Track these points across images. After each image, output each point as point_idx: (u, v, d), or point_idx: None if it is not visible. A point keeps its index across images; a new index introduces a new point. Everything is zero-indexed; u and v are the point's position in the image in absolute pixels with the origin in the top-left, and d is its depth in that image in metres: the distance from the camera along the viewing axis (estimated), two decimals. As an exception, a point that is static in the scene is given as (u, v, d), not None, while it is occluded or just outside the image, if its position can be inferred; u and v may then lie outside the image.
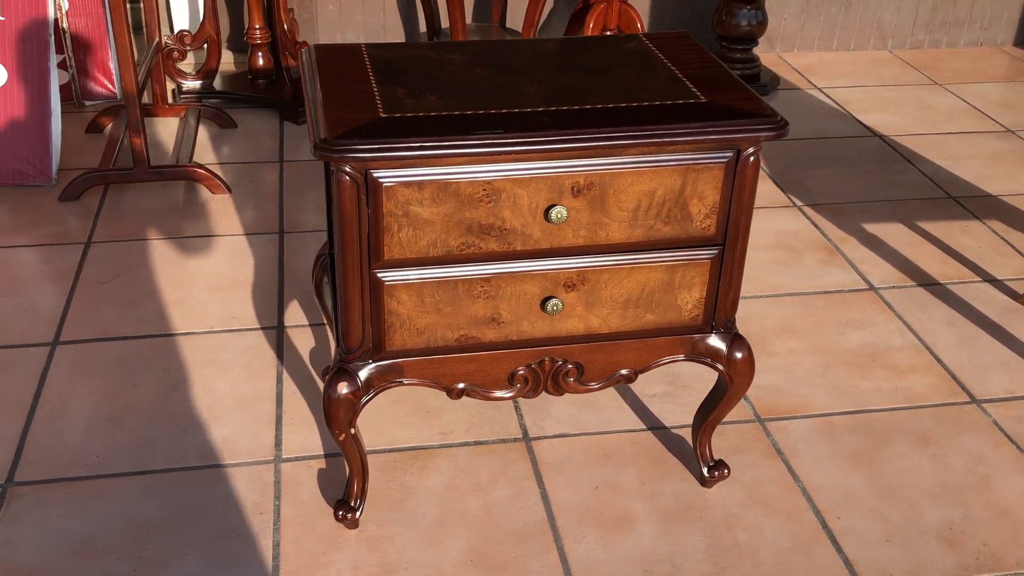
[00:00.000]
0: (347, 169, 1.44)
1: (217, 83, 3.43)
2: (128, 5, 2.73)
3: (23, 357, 2.14)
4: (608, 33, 3.48)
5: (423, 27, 3.70)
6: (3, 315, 2.27)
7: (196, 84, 3.36)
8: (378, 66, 1.66)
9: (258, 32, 3.32)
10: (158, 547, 1.70)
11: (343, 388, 1.59)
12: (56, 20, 3.09)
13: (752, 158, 1.54)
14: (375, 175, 1.44)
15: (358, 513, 1.73)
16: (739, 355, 1.71)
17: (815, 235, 2.69)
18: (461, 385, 1.64)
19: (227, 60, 3.69)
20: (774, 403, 2.07)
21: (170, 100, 3.36)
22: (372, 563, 1.68)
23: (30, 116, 2.79)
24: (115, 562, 1.67)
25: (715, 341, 1.70)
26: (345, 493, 1.75)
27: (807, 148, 3.20)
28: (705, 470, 1.85)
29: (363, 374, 1.60)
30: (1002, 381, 2.15)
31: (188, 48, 3.29)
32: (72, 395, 2.03)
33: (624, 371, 1.69)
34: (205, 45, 3.33)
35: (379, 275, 1.52)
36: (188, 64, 3.64)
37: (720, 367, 1.71)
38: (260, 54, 3.37)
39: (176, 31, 3.39)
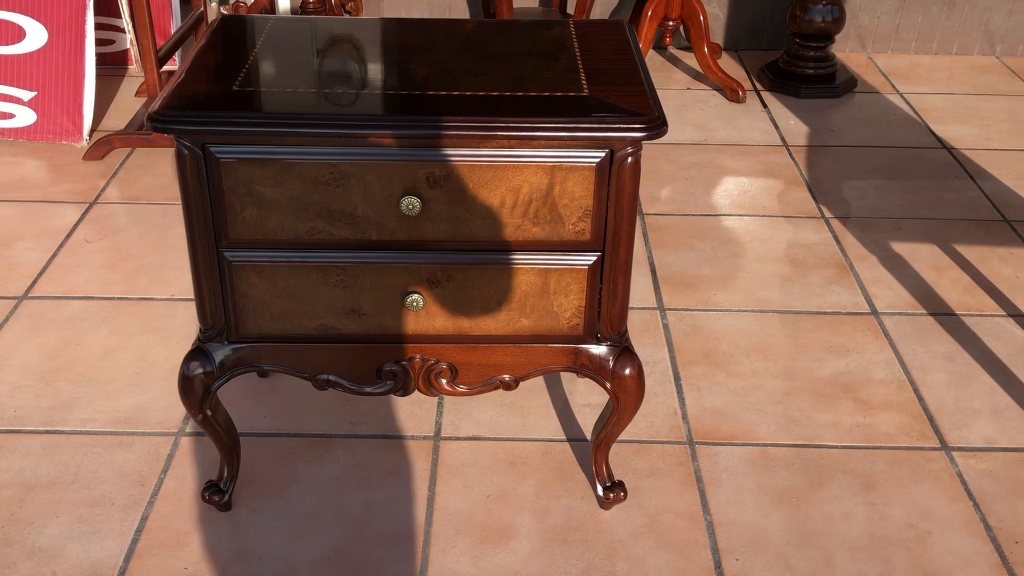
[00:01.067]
0: (185, 143, 1.39)
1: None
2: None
3: (-12, 308, 2.21)
4: (670, 24, 3.32)
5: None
6: (-11, 266, 2.36)
7: (248, 55, 3.40)
8: (272, 39, 1.60)
9: (311, 4, 3.33)
10: (33, 506, 1.71)
11: (195, 368, 1.55)
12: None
13: (629, 160, 1.41)
14: (212, 150, 1.39)
15: (226, 496, 1.70)
16: (626, 371, 1.58)
17: (832, 250, 2.48)
18: (326, 376, 1.58)
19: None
20: (714, 427, 1.91)
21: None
22: (228, 549, 1.64)
23: (66, 76, 2.88)
24: (-11, 517, 1.70)
25: (599, 353, 1.57)
26: (217, 475, 1.72)
27: (859, 157, 2.96)
28: (600, 490, 1.72)
29: (218, 355, 1.56)
30: (984, 429, 1.92)
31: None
32: (18, 349, 2.08)
33: (504, 377, 1.59)
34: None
35: (227, 255, 1.47)
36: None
37: (605, 383, 1.58)
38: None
39: (232, 0, 3.44)
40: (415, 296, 1.49)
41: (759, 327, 2.20)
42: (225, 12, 3.33)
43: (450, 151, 1.40)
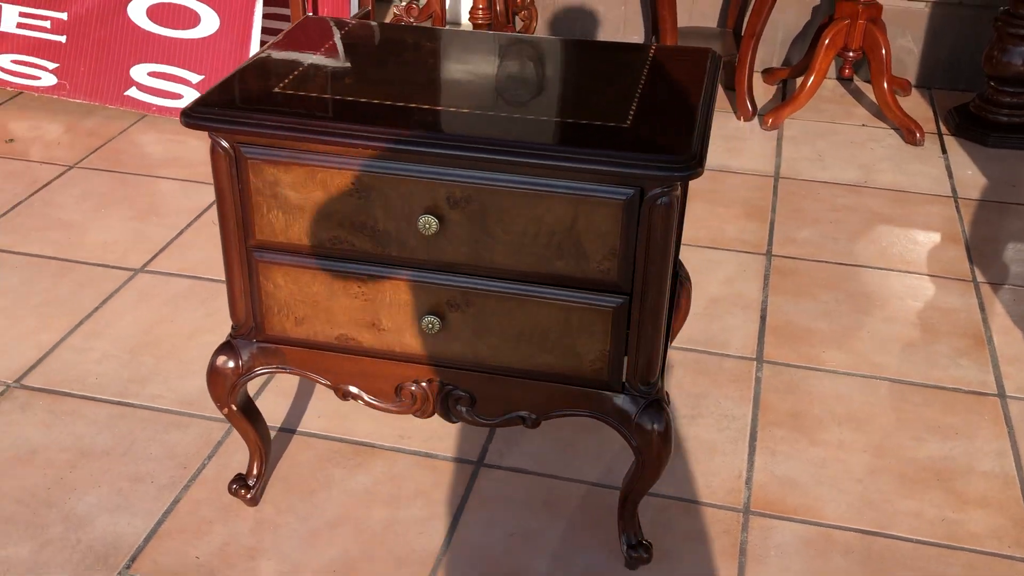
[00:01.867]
0: (221, 140, 1.40)
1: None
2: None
3: (106, 277, 2.33)
4: (850, 55, 3.10)
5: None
6: (113, 237, 2.48)
7: (417, 55, 3.44)
8: (341, 44, 1.59)
9: (480, 12, 3.33)
10: (82, 473, 1.78)
11: (221, 361, 1.56)
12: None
13: (661, 200, 1.30)
14: (243, 149, 1.39)
15: (252, 491, 1.70)
16: (651, 427, 1.46)
17: (972, 319, 2.23)
18: (349, 387, 1.56)
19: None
20: (777, 498, 1.75)
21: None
22: (243, 544, 1.65)
23: (232, 63, 3.00)
24: (40, 476, 1.77)
25: (623, 404, 1.46)
26: (247, 469, 1.73)
27: (1042, 218, 2.66)
28: (624, 547, 1.61)
29: (245, 352, 1.56)
30: (1096, 547, 1.67)
31: (412, 21, 3.38)
32: (119, 320, 2.18)
33: (523, 413, 1.51)
34: (429, 20, 3.40)
35: (255, 254, 1.47)
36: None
37: (628, 436, 1.48)
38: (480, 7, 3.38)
39: (405, 1, 3.49)
40: (431, 319, 1.44)
41: (862, 394, 2.00)
42: (396, 12, 3.39)
43: (469, 173, 1.34)
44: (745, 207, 2.67)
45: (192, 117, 1.37)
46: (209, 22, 3.02)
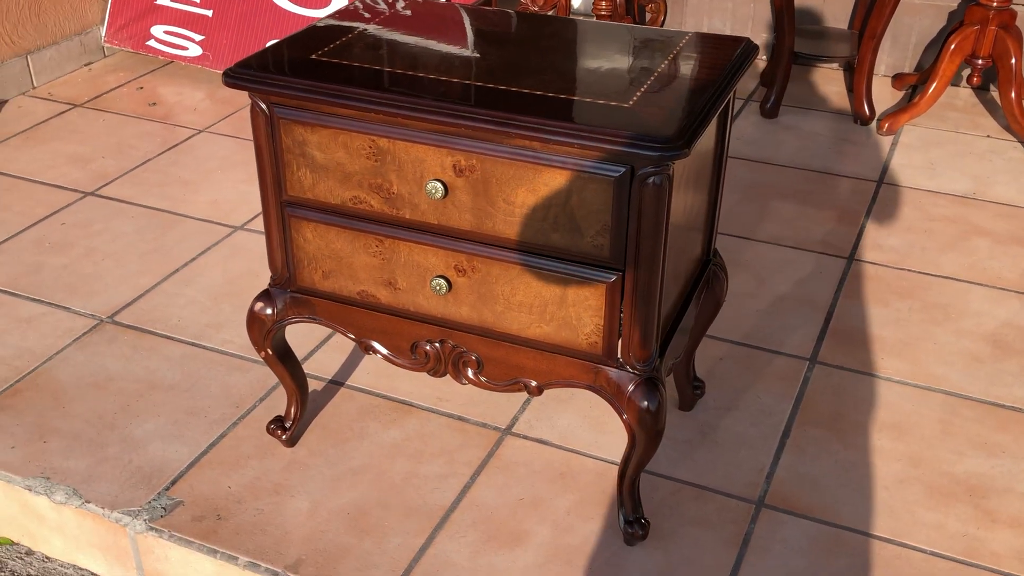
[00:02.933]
0: (258, 101, 1.51)
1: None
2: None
3: (209, 232, 2.51)
4: (978, 63, 2.98)
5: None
6: (224, 197, 2.66)
7: (541, 43, 3.51)
8: (389, 19, 1.68)
9: (603, 4, 3.36)
10: (147, 402, 1.95)
11: (258, 306, 1.68)
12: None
13: (652, 180, 1.33)
14: (276, 110, 1.50)
15: (288, 432, 1.82)
16: (642, 404, 1.49)
17: (1054, 340, 2.13)
18: (371, 342, 1.65)
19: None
20: (794, 495, 1.74)
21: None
22: (271, 480, 1.77)
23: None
24: (111, 401, 1.95)
25: (618, 378, 1.49)
26: (285, 412, 1.85)
27: None
28: (621, 523, 1.64)
29: (280, 301, 1.67)
30: None
31: (537, 9, 3.45)
32: (210, 270, 2.35)
33: (528, 380, 1.56)
34: (553, 10, 3.46)
35: (287, 209, 1.58)
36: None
37: (620, 411, 1.51)
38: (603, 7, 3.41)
39: (532, -8, 3.56)
40: (439, 280, 1.52)
41: (912, 404, 1.95)
42: (523, 0, 3.46)
43: (472, 142, 1.40)
44: (839, 210, 2.61)
45: (231, 76, 1.49)
46: (340, 3, 3.18)
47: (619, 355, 1.49)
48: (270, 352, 1.73)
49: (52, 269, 2.36)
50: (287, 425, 1.83)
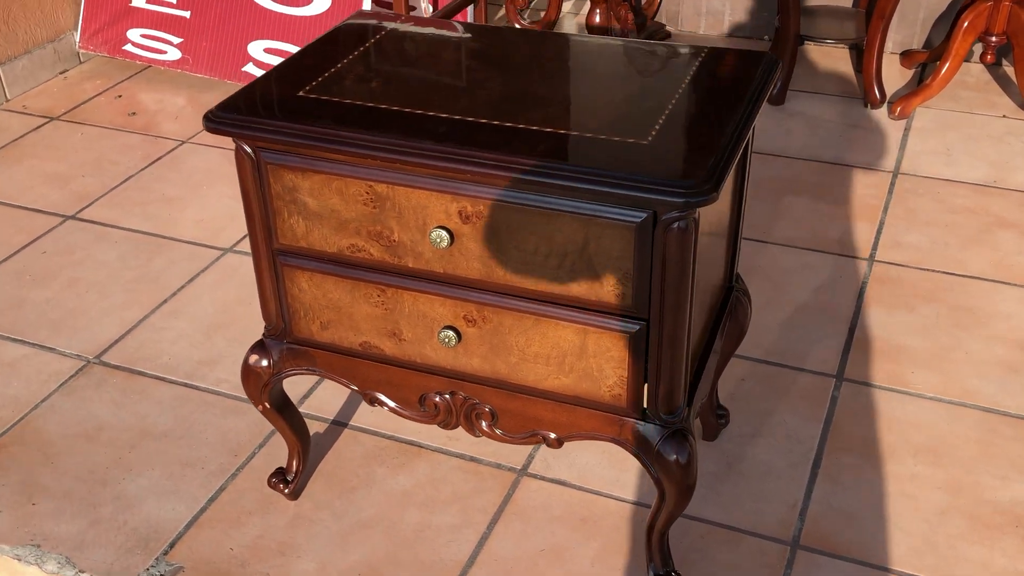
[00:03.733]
0: (243, 144, 1.39)
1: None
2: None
3: (196, 256, 2.39)
4: (992, 40, 2.85)
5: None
6: (210, 215, 2.53)
7: (534, 32, 3.38)
8: (379, 44, 1.56)
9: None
10: (140, 454, 1.84)
11: (253, 359, 1.57)
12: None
13: (676, 225, 1.22)
14: (263, 154, 1.38)
15: (291, 486, 1.72)
16: (672, 457, 1.38)
17: (1090, 343, 2.03)
18: (375, 394, 1.54)
19: (584, 12, 3.63)
20: (831, 533, 1.64)
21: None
22: (276, 539, 1.67)
23: (346, 41, 3.02)
24: (102, 454, 1.84)
25: (644, 431, 1.39)
26: (287, 464, 1.74)
27: None
28: (651, 575, 1.54)
29: (276, 352, 1.56)
30: None
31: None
32: (200, 299, 2.24)
33: (546, 433, 1.46)
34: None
35: (280, 257, 1.47)
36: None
37: (649, 466, 1.40)
38: (598, 11, 3.28)
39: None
40: (448, 332, 1.40)
41: (947, 423, 1.85)
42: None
43: (479, 188, 1.28)
44: (854, 205, 2.50)
45: (213, 121, 1.37)
46: (321, 0, 3.04)
47: (645, 407, 1.38)
48: (268, 406, 1.62)
49: (34, 305, 2.24)
50: (289, 478, 1.72)
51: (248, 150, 1.39)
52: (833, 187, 2.58)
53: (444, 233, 1.32)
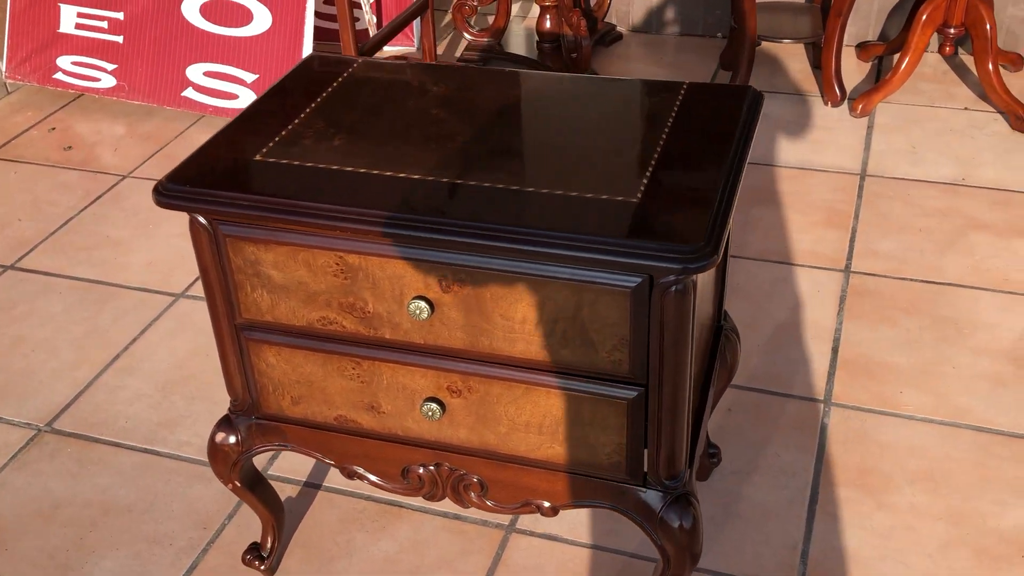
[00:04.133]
0: (198, 216, 1.29)
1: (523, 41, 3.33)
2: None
3: (147, 304, 2.27)
4: (951, 32, 2.81)
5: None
6: (159, 256, 2.41)
7: (483, 41, 3.28)
8: (336, 94, 1.45)
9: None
10: (103, 533, 1.73)
11: (219, 437, 1.47)
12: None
13: (674, 288, 1.14)
14: (221, 227, 1.28)
15: (266, 562, 1.62)
16: (676, 524, 1.31)
17: (1076, 350, 1.99)
18: (354, 467, 1.45)
19: (534, 16, 3.55)
20: (834, 574, 1.58)
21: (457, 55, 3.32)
22: (254, 620, 1.57)
23: (286, 60, 2.90)
24: (61, 535, 1.72)
25: (646, 498, 1.31)
26: (261, 539, 1.64)
27: None
28: (655, 641, 1.47)
29: (244, 429, 1.46)
30: None
31: (477, 3, 3.21)
32: (155, 352, 2.12)
33: (541, 502, 1.38)
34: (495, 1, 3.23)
35: (244, 333, 1.37)
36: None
37: (651, 532, 1.33)
38: (548, 16, 3.19)
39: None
40: (431, 406, 1.31)
41: (941, 446, 1.80)
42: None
43: (460, 256, 1.19)
44: (825, 213, 2.45)
45: (163, 195, 1.26)
46: (262, 19, 2.91)
47: (645, 473, 1.30)
48: (238, 484, 1.52)
49: (-24, 368, 2.11)
50: (264, 554, 1.62)
51: (204, 222, 1.28)
52: (801, 194, 2.53)
53: (423, 304, 1.23)
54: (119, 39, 3.07)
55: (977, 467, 1.76)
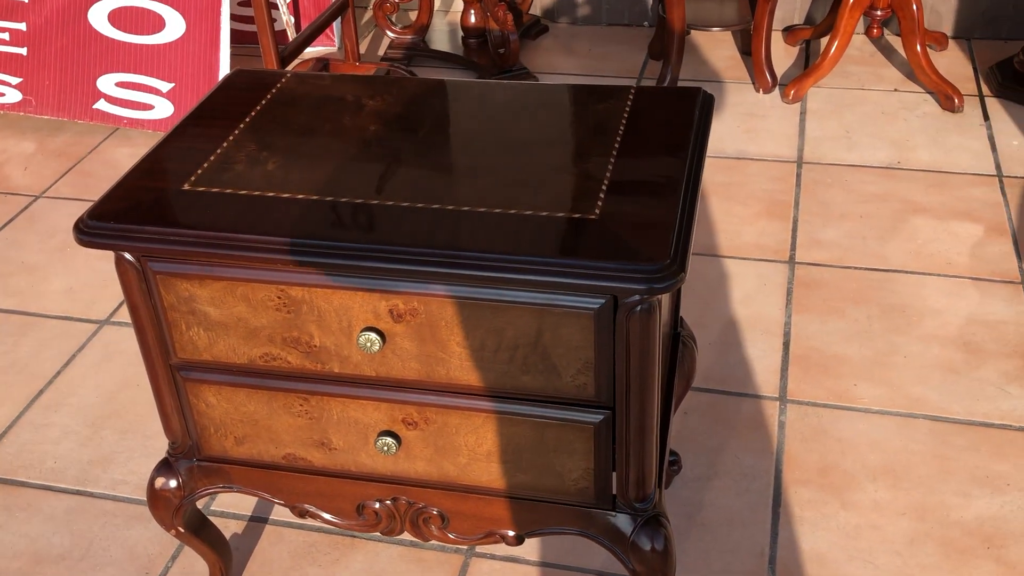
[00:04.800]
0: (124, 253, 1.20)
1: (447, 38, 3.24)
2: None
3: (69, 333, 2.15)
4: (877, 14, 2.81)
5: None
6: (80, 282, 2.29)
7: (406, 39, 3.19)
8: (265, 112, 1.37)
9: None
10: (35, 586, 1.63)
11: (159, 482, 1.38)
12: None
13: (640, 309, 1.08)
14: (150, 264, 1.19)
15: (215, 607, 1.54)
16: (648, 547, 1.26)
17: (1022, 333, 1.99)
18: (305, 506, 1.37)
19: (457, 10, 3.47)
20: (805, 580, 1.56)
21: (379, 54, 3.23)
22: (206, 671, 1.49)
23: (203, 67, 2.78)
24: (-10, 592, 1.62)
25: (616, 522, 1.26)
26: (209, 581, 1.56)
27: (1098, 195, 2.39)
28: (629, 664, 1.43)
29: (186, 472, 1.37)
30: None
31: (398, 0, 3.12)
32: (81, 385, 2.01)
33: (504, 532, 1.32)
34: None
35: (180, 372, 1.28)
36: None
37: (623, 557, 1.28)
38: (472, 11, 3.12)
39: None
40: (386, 439, 1.24)
41: (899, 438, 1.78)
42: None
43: (410, 282, 1.13)
44: (765, 203, 2.42)
45: (85, 234, 1.17)
46: (174, 25, 2.79)
47: (615, 496, 1.25)
48: (181, 530, 1.43)
49: None
50: (214, 597, 1.54)
51: (132, 259, 1.19)
52: (740, 184, 2.50)
53: (374, 336, 1.16)
54: (23, 51, 2.92)
55: (936, 458, 1.74)
